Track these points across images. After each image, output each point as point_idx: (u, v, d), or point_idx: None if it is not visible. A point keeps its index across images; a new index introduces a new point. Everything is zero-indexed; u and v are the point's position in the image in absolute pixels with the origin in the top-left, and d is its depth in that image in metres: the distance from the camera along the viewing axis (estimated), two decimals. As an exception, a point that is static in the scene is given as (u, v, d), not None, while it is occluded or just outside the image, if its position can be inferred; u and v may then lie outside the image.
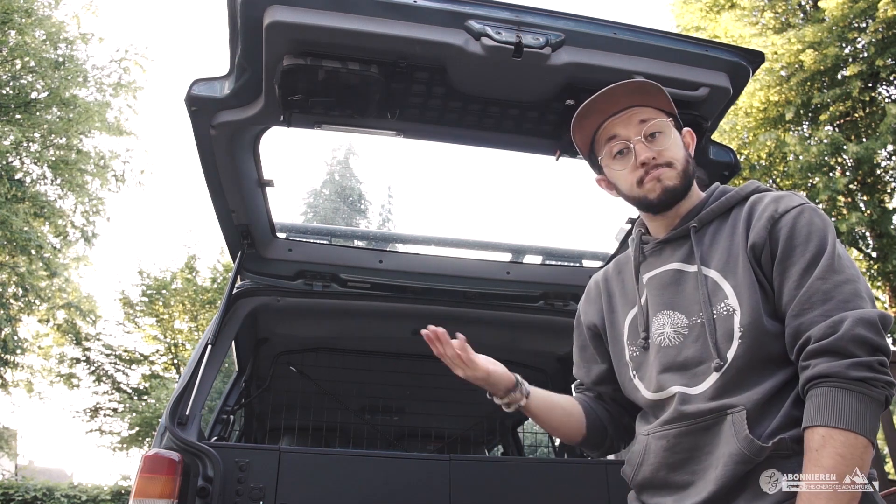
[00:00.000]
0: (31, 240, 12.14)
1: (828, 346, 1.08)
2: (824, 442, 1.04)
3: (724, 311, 1.22)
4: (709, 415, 1.19)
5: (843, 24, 9.56)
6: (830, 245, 1.17)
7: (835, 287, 1.12)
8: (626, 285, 1.45)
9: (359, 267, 2.63)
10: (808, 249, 1.17)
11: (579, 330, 1.57)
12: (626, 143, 1.32)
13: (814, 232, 1.18)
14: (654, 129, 1.31)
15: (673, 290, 1.31)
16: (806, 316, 1.13)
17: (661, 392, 1.28)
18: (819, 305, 1.12)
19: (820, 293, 1.12)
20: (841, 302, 1.11)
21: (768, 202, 1.25)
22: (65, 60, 13.35)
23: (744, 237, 1.24)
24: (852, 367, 1.05)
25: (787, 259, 1.18)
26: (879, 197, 10.50)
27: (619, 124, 1.33)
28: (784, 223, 1.20)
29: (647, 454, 1.30)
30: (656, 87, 1.31)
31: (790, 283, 1.17)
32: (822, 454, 1.03)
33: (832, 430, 1.04)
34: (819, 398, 1.07)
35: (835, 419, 1.04)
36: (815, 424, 1.06)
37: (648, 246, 1.39)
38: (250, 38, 1.70)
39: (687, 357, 1.25)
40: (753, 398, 1.16)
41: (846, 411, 1.04)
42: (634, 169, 1.31)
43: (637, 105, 1.33)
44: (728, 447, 1.15)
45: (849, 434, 1.03)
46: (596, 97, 1.32)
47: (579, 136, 1.40)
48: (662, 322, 1.31)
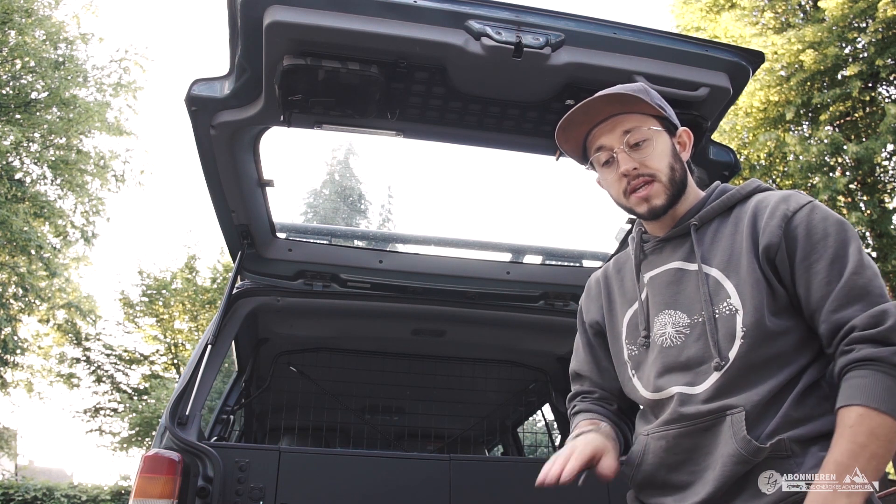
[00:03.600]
0: (31, 240, 12.13)
1: (875, 334, 1.09)
2: (861, 420, 1.05)
3: (727, 311, 1.21)
4: (708, 416, 1.19)
5: (843, 24, 9.56)
6: (854, 240, 1.19)
7: (869, 282, 1.15)
8: (626, 284, 1.45)
9: (359, 267, 2.63)
10: (829, 245, 1.18)
11: (583, 327, 1.56)
12: (610, 153, 1.32)
13: (829, 227, 1.19)
14: (638, 139, 1.30)
15: (674, 289, 1.31)
16: (847, 310, 1.14)
17: (659, 392, 1.28)
18: (859, 300, 1.13)
19: (858, 288, 1.14)
20: (878, 296, 1.13)
21: (777, 202, 1.25)
22: (65, 60, 13.34)
23: (750, 237, 1.24)
24: None
25: (809, 256, 1.19)
26: (879, 197, 10.50)
27: (603, 133, 1.33)
28: (798, 221, 1.21)
29: (646, 454, 1.30)
30: (636, 95, 1.29)
31: (819, 279, 1.17)
32: (858, 430, 1.05)
33: (870, 411, 1.05)
34: (861, 379, 1.08)
35: (875, 400, 1.05)
36: (853, 403, 1.07)
37: (649, 245, 1.39)
38: (250, 38, 1.70)
39: (689, 357, 1.25)
40: (753, 399, 1.16)
41: (887, 395, 1.05)
42: (619, 178, 1.32)
43: (620, 113, 1.32)
44: (727, 448, 1.15)
45: (886, 416, 1.05)
46: (575, 110, 1.31)
47: (567, 145, 1.39)
48: (664, 322, 1.30)
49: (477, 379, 3.29)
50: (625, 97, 1.29)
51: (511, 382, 3.48)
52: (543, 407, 3.78)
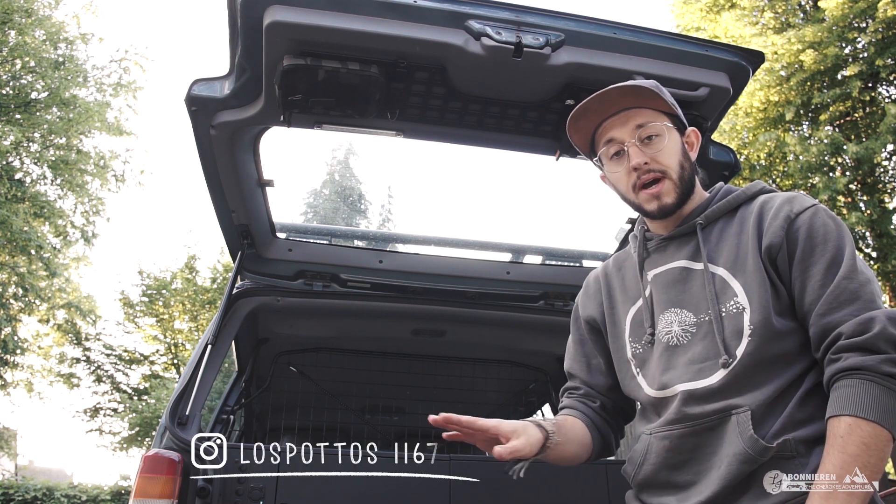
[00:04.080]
0: (31, 240, 12.13)
1: (861, 342, 1.10)
2: (851, 430, 1.06)
3: (734, 309, 1.22)
4: (713, 415, 1.19)
5: (842, 24, 9.56)
6: (850, 245, 1.19)
7: (860, 287, 1.15)
8: (628, 281, 1.44)
9: (359, 267, 2.63)
10: (828, 249, 1.18)
11: (577, 324, 1.55)
12: (621, 146, 1.32)
13: (830, 232, 1.20)
14: (650, 133, 1.30)
15: (680, 288, 1.31)
16: (835, 314, 1.14)
17: (664, 390, 1.28)
18: (847, 305, 1.14)
19: (847, 292, 1.15)
20: (867, 301, 1.14)
21: (781, 203, 1.25)
22: (65, 60, 13.34)
23: (755, 237, 1.25)
24: (885, 363, 1.07)
25: (807, 258, 1.19)
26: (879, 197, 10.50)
27: (615, 126, 1.33)
28: (800, 223, 1.21)
29: (648, 454, 1.30)
30: (652, 90, 1.30)
31: (814, 281, 1.18)
32: (848, 441, 1.05)
33: (859, 420, 1.05)
34: (849, 388, 1.08)
35: (864, 410, 1.05)
36: (842, 413, 1.07)
37: (652, 243, 1.39)
38: (250, 38, 1.70)
39: (695, 355, 1.24)
40: (759, 399, 1.16)
41: (875, 404, 1.05)
42: (629, 172, 1.31)
43: (633, 107, 1.32)
44: (732, 447, 1.15)
45: (875, 426, 1.05)
46: (590, 99, 1.31)
47: (577, 136, 1.39)
48: (670, 320, 1.30)
49: (477, 379, 3.29)
50: (640, 90, 1.30)
51: (511, 382, 3.48)
52: (543, 407, 3.77)
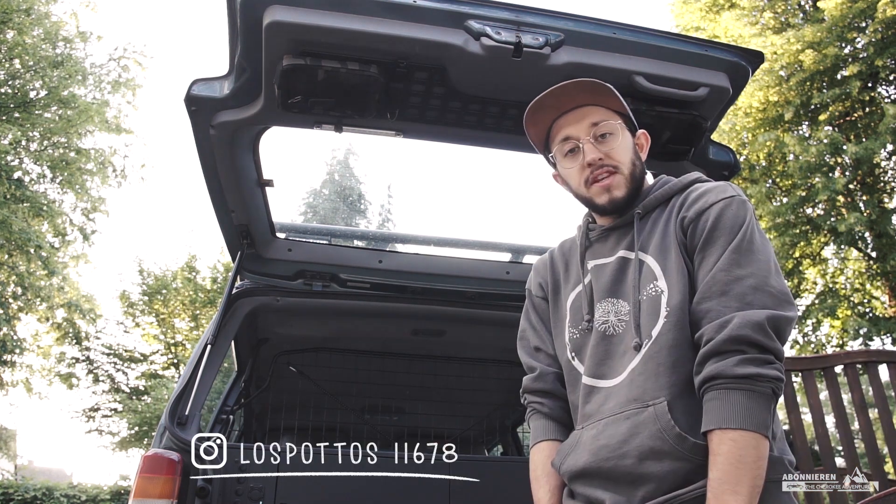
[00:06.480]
0: (30, 239, 12.12)
1: (715, 347, 1.11)
2: (721, 442, 1.08)
3: (653, 292, 1.24)
4: (629, 408, 1.19)
5: (842, 24, 9.57)
6: (742, 238, 1.19)
7: (735, 280, 1.15)
8: (571, 268, 1.46)
9: (358, 267, 2.63)
10: (726, 240, 1.20)
11: (531, 302, 1.53)
12: (576, 143, 1.35)
13: (736, 224, 1.20)
14: (604, 131, 1.34)
15: (617, 278, 1.33)
16: (703, 304, 1.16)
17: (597, 380, 1.29)
18: (716, 297, 1.15)
19: (719, 284, 1.16)
20: (736, 296, 1.14)
21: (701, 193, 1.28)
22: (63, 59, 13.32)
23: (677, 225, 1.27)
24: (737, 365, 1.09)
25: (705, 248, 1.21)
26: (879, 197, 10.52)
27: (570, 123, 1.36)
28: (710, 213, 1.23)
29: (578, 444, 1.29)
30: (608, 88, 1.33)
31: (703, 271, 1.20)
32: (718, 455, 1.07)
33: (726, 431, 1.08)
34: (710, 402, 1.11)
35: (726, 420, 1.08)
36: (710, 428, 1.10)
37: (594, 233, 1.41)
38: (250, 37, 1.70)
39: (626, 345, 1.26)
40: (674, 391, 1.16)
41: (735, 411, 1.08)
42: (582, 168, 1.34)
43: (589, 104, 1.35)
44: (651, 440, 1.15)
45: (740, 432, 1.07)
46: (547, 94, 1.34)
47: (533, 130, 1.42)
48: (606, 310, 1.32)
49: (477, 379, 3.29)
50: (597, 86, 1.33)
51: (511, 382, 3.47)
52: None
